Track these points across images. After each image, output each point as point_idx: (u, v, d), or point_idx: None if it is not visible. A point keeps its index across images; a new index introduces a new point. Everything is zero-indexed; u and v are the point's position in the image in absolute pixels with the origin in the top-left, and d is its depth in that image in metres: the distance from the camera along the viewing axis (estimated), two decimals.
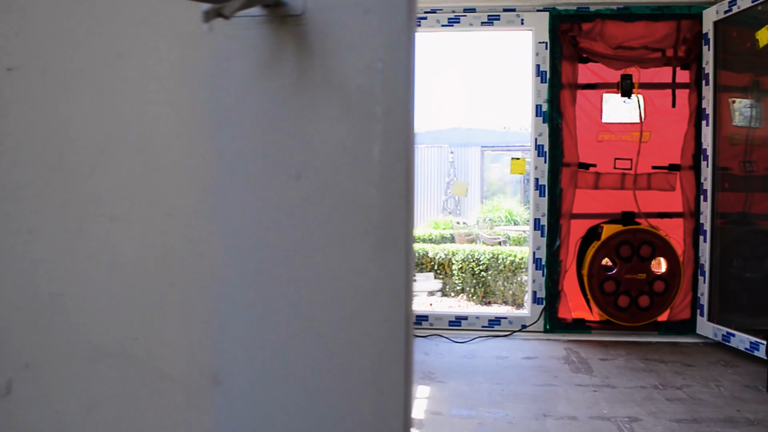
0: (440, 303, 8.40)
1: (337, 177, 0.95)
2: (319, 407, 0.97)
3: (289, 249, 0.97)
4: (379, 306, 0.94)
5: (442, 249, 9.12)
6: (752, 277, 5.20)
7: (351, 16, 0.94)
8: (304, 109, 0.96)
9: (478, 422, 3.42)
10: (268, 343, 0.99)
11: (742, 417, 3.50)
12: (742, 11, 4.85)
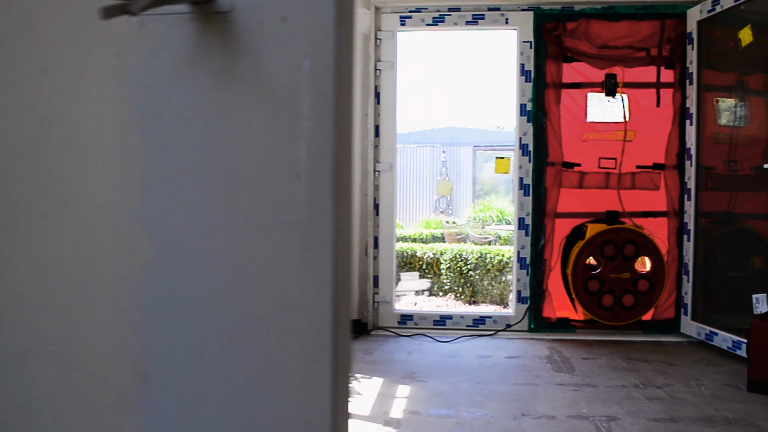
0: (428, 302, 8.40)
1: (264, 174, 0.95)
2: (247, 407, 0.97)
3: (217, 247, 0.97)
4: (305, 305, 0.93)
5: (431, 248, 9.12)
6: (736, 276, 5.21)
7: (278, 13, 0.94)
8: (232, 106, 0.96)
9: (456, 422, 3.41)
10: (196, 341, 0.99)
11: (720, 416, 3.50)
12: (725, 10, 4.85)
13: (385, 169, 5.49)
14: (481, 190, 19.35)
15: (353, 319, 5.44)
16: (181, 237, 0.99)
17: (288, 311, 0.94)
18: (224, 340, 0.98)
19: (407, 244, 9.64)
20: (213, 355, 0.98)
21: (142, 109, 0.99)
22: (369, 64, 5.39)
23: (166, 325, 0.99)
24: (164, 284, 0.99)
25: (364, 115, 5.40)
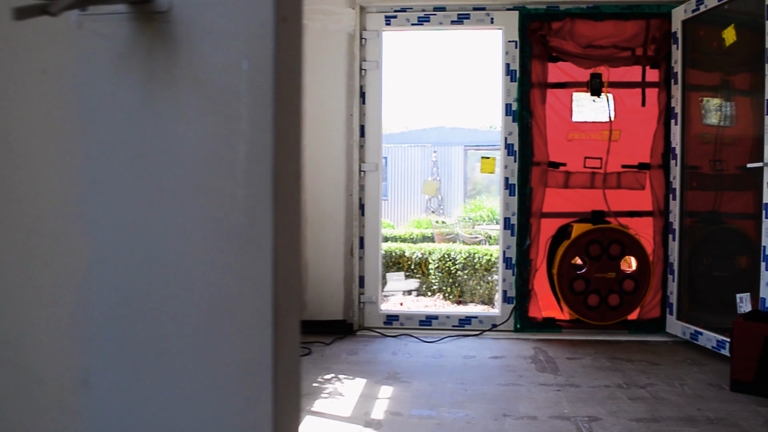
0: (416, 302, 8.38)
1: (202, 176, 0.94)
2: (188, 411, 0.96)
3: (156, 250, 0.96)
4: (245, 309, 0.92)
5: (419, 248, 9.09)
6: (721, 275, 5.21)
7: (216, 13, 0.93)
8: (170, 107, 0.95)
9: (437, 423, 3.40)
10: (136, 345, 0.97)
11: (702, 416, 3.50)
12: (709, 10, 4.85)
13: (371, 169, 5.48)
14: (473, 190, 19.36)
15: (338, 319, 5.43)
16: (121, 239, 0.98)
17: (228, 315, 0.93)
18: (165, 344, 0.96)
19: (396, 244, 9.62)
20: (153, 359, 0.97)
21: (80, 109, 0.98)
22: (354, 64, 5.38)
23: (105, 329, 0.98)
24: (104, 287, 0.98)
25: (349, 115, 5.38)
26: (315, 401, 3.73)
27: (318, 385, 4.05)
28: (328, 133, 5.40)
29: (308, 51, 5.38)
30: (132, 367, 0.98)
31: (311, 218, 5.41)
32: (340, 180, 5.40)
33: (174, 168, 0.95)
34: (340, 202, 5.41)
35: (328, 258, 5.43)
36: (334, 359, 4.64)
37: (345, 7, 5.37)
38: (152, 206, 0.96)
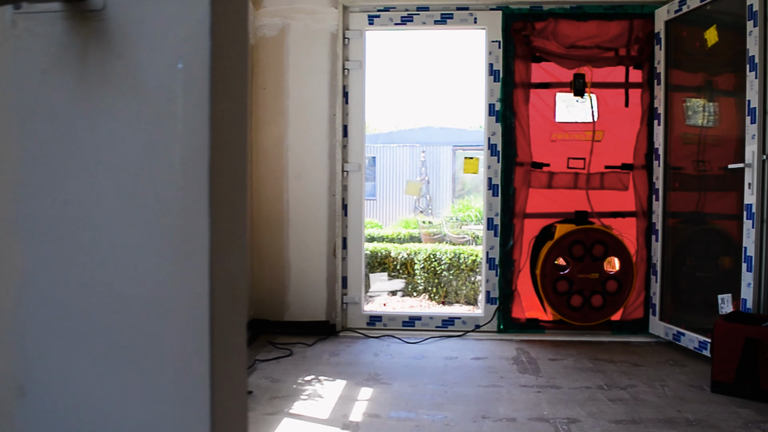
0: (401, 303, 8.36)
1: (137, 178, 0.91)
2: (124, 419, 0.93)
3: (89, 254, 0.93)
4: (180, 316, 0.90)
5: (405, 248, 9.07)
6: (705, 276, 5.21)
7: (151, 12, 0.91)
8: (105, 107, 0.92)
9: (415, 425, 3.38)
10: (73, 352, 0.95)
11: (682, 417, 3.49)
12: (691, 10, 4.85)
13: (354, 169, 5.45)
14: (462, 190, 19.36)
15: (321, 320, 5.40)
16: (56, 243, 0.95)
17: (163, 321, 0.91)
18: (101, 350, 0.94)
19: (382, 244, 9.59)
20: (90, 366, 0.94)
21: (13, 109, 0.95)
22: (337, 64, 5.35)
23: (42, 336, 0.95)
24: (38, 292, 0.95)
25: (332, 114, 5.36)
26: (294, 403, 3.71)
27: (297, 386, 4.02)
28: (311, 133, 5.37)
29: (291, 50, 5.36)
30: (67, 374, 0.95)
31: (294, 218, 5.39)
32: (323, 180, 5.38)
33: (108, 169, 0.93)
34: (322, 202, 5.39)
35: (310, 258, 5.40)
36: (315, 360, 4.62)
37: (328, 6, 5.34)
38: (86, 209, 0.94)
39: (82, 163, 0.94)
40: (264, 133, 5.39)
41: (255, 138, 5.39)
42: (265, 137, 5.39)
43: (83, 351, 0.95)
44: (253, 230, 5.41)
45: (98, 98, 0.92)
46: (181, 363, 0.91)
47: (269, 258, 5.42)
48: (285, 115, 5.37)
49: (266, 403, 3.71)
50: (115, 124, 0.92)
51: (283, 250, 5.41)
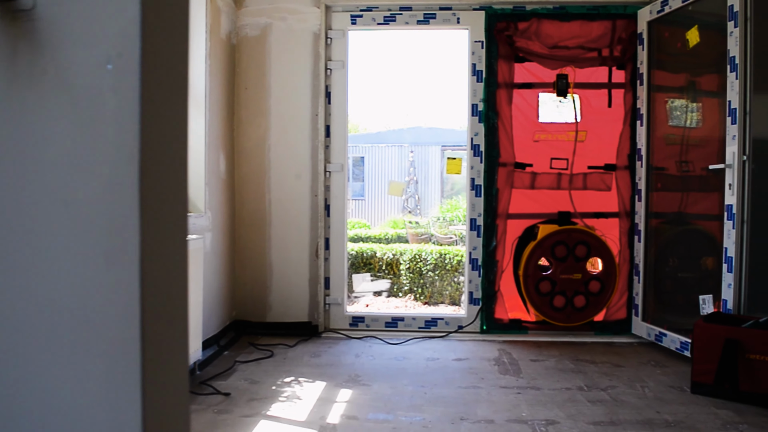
0: (386, 303, 8.33)
1: (65, 181, 0.89)
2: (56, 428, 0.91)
3: (14, 259, 0.91)
4: (109, 320, 0.87)
5: (390, 249, 9.05)
6: (688, 276, 5.21)
7: (81, 12, 0.88)
8: (34, 108, 0.90)
9: (393, 427, 3.36)
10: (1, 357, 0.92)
11: (660, 418, 3.48)
12: (673, 11, 4.85)
13: (336, 169, 5.43)
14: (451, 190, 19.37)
15: (303, 321, 5.38)
16: None
17: (92, 330, 0.88)
18: (29, 359, 0.91)
19: (368, 244, 9.56)
20: (18, 374, 0.92)
21: None
22: (319, 64, 5.33)
23: None
24: None
25: (314, 115, 5.33)
26: (272, 405, 3.69)
27: (276, 388, 4.00)
28: (294, 133, 5.35)
29: (273, 50, 5.34)
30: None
31: (276, 219, 5.36)
32: (305, 181, 5.35)
33: (36, 171, 0.91)
34: (305, 202, 5.36)
35: (292, 259, 5.38)
36: (296, 362, 4.59)
37: (310, 5, 5.32)
38: (12, 210, 0.91)
39: (9, 164, 0.91)
40: (246, 133, 5.36)
41: (237, 138, 5.36)
42: (247, 137, 5.36)
43: (10, 359, 0.93)
44: (235, 231, 5.38)
45: (27, 99, 0.90)
46: (111, 366, 0.89)
47: (251, 259, 5.39)
48: (267, 115, 5.34)
49: (244, 405, 3.69)
50: (43, 126, 0.90)
51: (265, 250, 5.39)
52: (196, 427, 3.33)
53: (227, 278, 5.20)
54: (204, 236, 4.64)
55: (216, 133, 4.90)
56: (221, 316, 5.08)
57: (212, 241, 4.82)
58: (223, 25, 5.03)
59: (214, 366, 4.47)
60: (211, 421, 3.43)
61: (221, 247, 5.05)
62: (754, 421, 3.45)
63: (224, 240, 5.12)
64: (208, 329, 4.75)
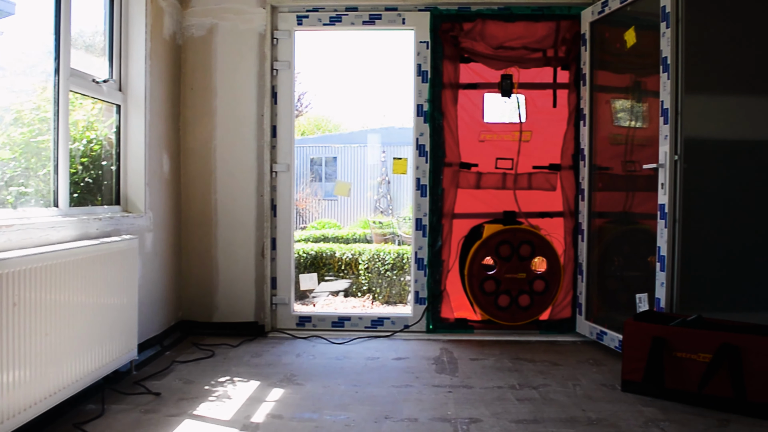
0: (344, 303, 8.33)
1: None
2: None
3: None
4: None
5: (350, 249, 9.05)
6: (632, 275, 5.23)
7: None
8: None
9: (315, 426, 3.38)
10: None
11: (584, 417, 3.51)
12: (613, 12, 4.88)
13: (283, 169, 5.43)
14: None
15: (249, 321, 5.38)
16: None
17: None
18: None
19: (327, 244, 9.56)
20: None
21: None
22: (265, 64, 5.33)
23: None
24: None
25: (260, 115, 5.33)
26: (200, 405, 3.69)
27: (210, 388, 4.01)
28: (239, 133, 5.35)
29: (219, 51, 5.34)
30: None
31: (222, 219, 5.37)
32: (250, 181, 5.35)
33: None
34: (250, 203, 5.36)
35: (239, 259, 5.38)
36: (235, 362, 4.60)
37: (256, 6, 5.32)
38: None
39: None
40: (192, 133, 5.36)
41: (183, 138, 5.36)
42: (193, 138, 5.36)
43: None
44: (182, 231, 5.38)
45: None
46: None
47: (198, 259, 5.39)
48: (213, 116, 5.35)
49: (173, 404, 3.69)
50: None
51: (212, 250, 5.39)
52: (119, 428, 3.34)
53: (172, 278, 5.20)
54: (143, 236, 4.64)
55: (159, 133, 4.90)
56: (166, 316, 5.08)
57: (154, 241, 4.81)
58: (167, 25, 5.03)
59: (152, 366, 4.47)
60: (136, 421, 3.44)
61: (165, 247, 5.05)
62: (676, 419, 3.49)
63: (169, 240, 5.11)
64: (149, 330, 4.75)
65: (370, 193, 18.15)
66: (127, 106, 4.62)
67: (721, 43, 5.20)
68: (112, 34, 4.57)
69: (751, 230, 5.27)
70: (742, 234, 5.27)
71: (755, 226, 5.26)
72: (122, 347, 3.98)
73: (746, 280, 5.28)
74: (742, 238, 5.26)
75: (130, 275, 4.08)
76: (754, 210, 5.25)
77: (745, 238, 5.27)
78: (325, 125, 28.39)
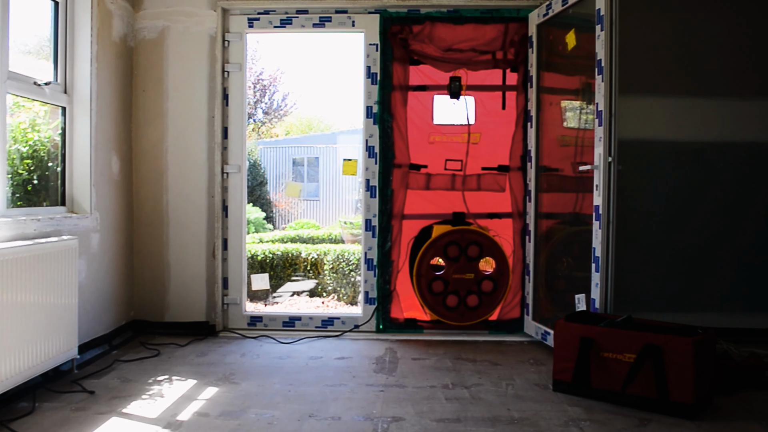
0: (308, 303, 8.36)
1: None
2: None
3: None
4: None
5: (315, 249, 9.10)
6: (581, 276, 5.27)
7: None
8: None
9: (238, 423, 3.42)
10: None
11: (507, 416, 3.55)
12: (557, 14, 4.92)
13: (234, 170, 5.47)
14: None
15: (200, 321, 5.42)
16: None
17: None
18: None
19: (294, 244, 9.59)
20: None
21: None
22: (216, 66, 5.37)
23: None
24: None
25: (210, 116, 5.38)
26: (131, 403, 3.74)
27: (146, 386, 4.05)
28: (191, 135, 5.39)
29: (170, 53, 5.39)
30: None
31: (173, 220, 5.41)
32: (201, 182, 5.40)
33: None
34: (201, 203, 5.41)
35: (190, 259, 5.42)
36: (179, 361, 4.64)
37: (207, 9, 5.37)
38: None
39: None
40: (144, 135, 5.41)
41: (135, 140, 5.40)
42: (145, 139, 5.41)
43: None
44: (134, 231, 5.43)
45: None
46: None
47: (150, 259, 5.44)
48: (165, 117, 5.39)
49: (104, 403, 3.74)
50: None
51: (163, 250, 5.43)
52: (46, 425, 3.38)
53: (123, 278, 5.24)
54: (89, 237, 4.68)
55: (107, 135, 4.94)
56: (115, 316, 5.12)
57: (101, 241, 4.86)
58: (116, 27, 5.07)
59: (95, 365, 4.52)
60: (64, 419, 3.48)
61: (115, 247, 5.09)
62: (598, 418, 3.53)
63: (119, 241, 5.15)
64: (96, 329, 4.79)
65: (356, 195, 18.16)
66: (72, 108, 4.67)
67: (656, 45, 5.27)
68: (57, 36, 4.61)
69: (688, 231, 5.33)
70: (678, 235, 5.33)
71: (692, 227, 5.32)
72: (60, 346, 4.02)
73: (682, 281, 5.35)
74: (678, 239, 5.33)
75: (69, 275, 4.11)
76: (691, 211, 5.32)
77: (681, 240, 5.34)
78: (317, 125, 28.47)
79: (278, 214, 18.64)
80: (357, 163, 5.59)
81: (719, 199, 5.31)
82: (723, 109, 5.29)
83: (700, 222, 5.31)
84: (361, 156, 5.48)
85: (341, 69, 42.33)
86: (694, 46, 5.28)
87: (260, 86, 23.60)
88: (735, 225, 5.32)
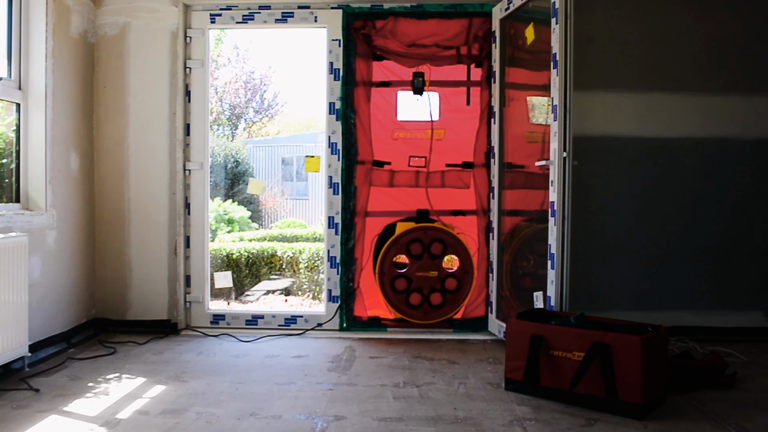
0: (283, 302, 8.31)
1: None
2: None
3: None
4: None
5: (291, 247, 9.04)
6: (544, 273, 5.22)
7: None
8: None
9: (176, 422, 3.37)
10: None
11: (452, 415, 3.50)
12: (518, 8, 4.87)
13: (196, 167, 5.43)
14: None
15: (162, 319, 5.38)
16: None
17: None
18: None
19: (269, 243, 9.53)
20: None
21: None
22: (177, 63, 5.33)
23: None
24: None
25: (172, 113, 5.33)
26: (75, 401, 3.70)
27: (93, 385, 4.01)
28: (152, 132, 5.35)
29: (132, 49, 5.35)
30: None
31: (135, 217, 5.37)
32: (163, 179, 5.35)
33: None
34: (163, 201, 5.36)
35: (152, 257, 5.38)
36: (133, 359, 4.60)
37: (168, 5, 5.32)
38: None
39: None
40: (105, 131, 5.36)
41: (96, 136, 5.36)
42: (107, 136, 5.36)
43: None
44: (95, 229, 5.39)
45: None
46: None
47: (111, 256, 5.40)
48: (126, 114, 5.35)
49: (48, 401, 3.70)
50: None
51: (125, 248, 5.39)
52: None
53: (83, 276, 5.20)
54: (44, 234, 4.64)
55: (65, 131, 4.90)
56: (75, 313, 5.08)
57: (58, 239, 4.81)
58: (75, 23, 5.03)
59: (47, 363, 4.48)
60: (2, 416, 3.45)
61: (74, 245, 5.05)
62: (545, 418, 3.48)
63: (78, 238, 5.11)
64: (52, 327, 4.75)
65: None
66: (27, 104, 4.63)
67: (624, 40, 5.21)
68: (11, 32, 4.57)
69: (656, 228, 5.27)
70: (646, 232, 5.27)
71: (660, 223, 5.26)
72: (8, 343, 3.98)
73: (651, 278, 5.29)
74: (646, 236, 5.27)
75: (18, 272, 4.07)
76: (658, 207, 5.26)
77: (649, 236, 5.28)
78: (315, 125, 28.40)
79: (266, 213, 18.58)
80: (320, 160, 5.53)
81: (687, 195, 5.25)
82: (690, 105, 5.23)
83: (669, 218, 5.25)
84: (324, 153, 5.42)
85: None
86: (663, 41, 5.22)
87: (251, 85, 23.56)
88: (703, 221, 5.26)
